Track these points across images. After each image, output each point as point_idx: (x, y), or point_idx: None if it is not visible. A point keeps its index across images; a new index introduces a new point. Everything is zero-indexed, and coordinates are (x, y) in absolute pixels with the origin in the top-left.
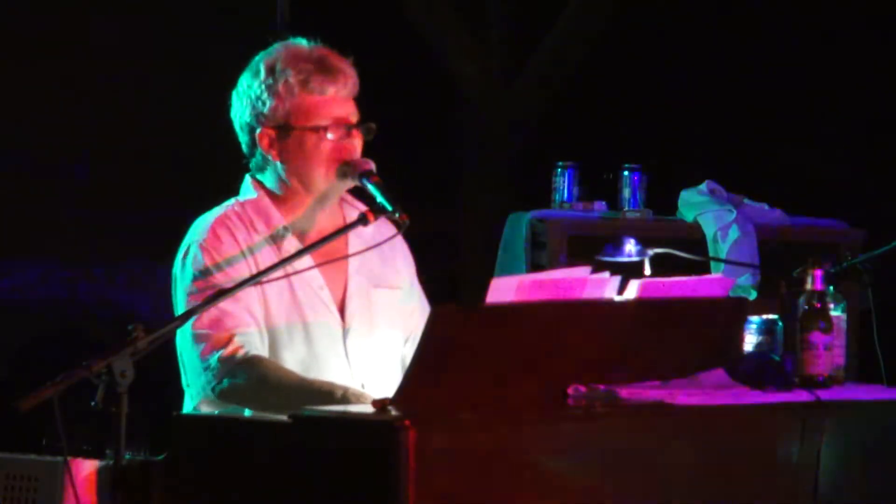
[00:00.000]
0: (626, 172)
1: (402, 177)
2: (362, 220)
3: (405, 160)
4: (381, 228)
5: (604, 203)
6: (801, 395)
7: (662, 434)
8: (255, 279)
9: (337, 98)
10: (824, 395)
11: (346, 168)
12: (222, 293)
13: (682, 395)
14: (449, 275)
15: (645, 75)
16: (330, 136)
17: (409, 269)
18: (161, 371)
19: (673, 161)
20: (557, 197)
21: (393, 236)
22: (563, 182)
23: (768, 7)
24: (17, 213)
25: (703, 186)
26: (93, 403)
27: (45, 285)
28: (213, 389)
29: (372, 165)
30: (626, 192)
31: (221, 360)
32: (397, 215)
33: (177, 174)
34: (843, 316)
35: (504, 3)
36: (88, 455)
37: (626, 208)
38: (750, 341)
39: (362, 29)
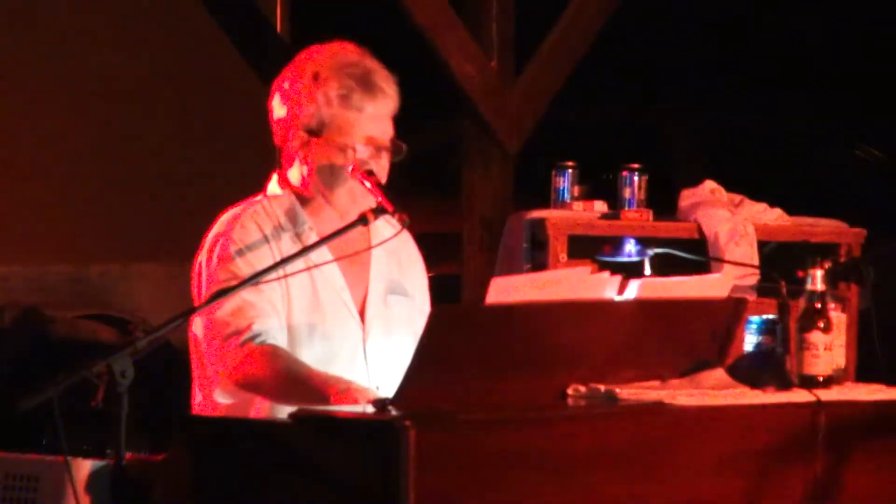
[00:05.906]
0: (625, 172)
1: (402, 176)
2: (362, 220)
3: (404, 160)
4: (402, 236)
5: (604, 203)
6: (801, 395)
7: (662, 434)
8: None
9: (374, 116)
10: (824, 395)
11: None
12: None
13: (682, 395)
14: (449, 275)
15: (645, 75)
16: (358, 153)
17: (423, 281)
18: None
19: (673, 161)
20: (557, 197)
21: (393, 236)
22: (563, 182)
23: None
24: (18, 213)
25: (704, 186)
26: (93, 403)
27: (44, 284)
28: (229, 376)
29: (371, 166)
30: (626, 192)
31: (239, 347)
32: (397, 215)
33: (177, 175)
34: (843, 316)
35: (504, 1)
36: (88, 455)
37: (626, 208)
38: (750, 341)
39: (360, 28)
